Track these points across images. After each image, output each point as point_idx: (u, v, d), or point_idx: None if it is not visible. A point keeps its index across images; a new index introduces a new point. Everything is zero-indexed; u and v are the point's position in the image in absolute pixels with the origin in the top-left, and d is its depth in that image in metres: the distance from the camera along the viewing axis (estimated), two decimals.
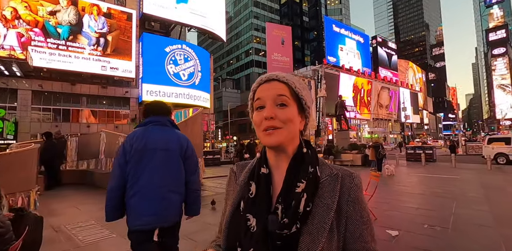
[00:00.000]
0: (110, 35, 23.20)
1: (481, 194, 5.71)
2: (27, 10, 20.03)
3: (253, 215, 0.57)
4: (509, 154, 12.64)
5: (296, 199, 0.54)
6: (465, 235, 3.25)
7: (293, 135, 0.60)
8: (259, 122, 0.60)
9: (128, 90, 24.31)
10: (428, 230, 3.41)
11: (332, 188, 0.57)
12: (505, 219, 3.94)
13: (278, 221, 0.54)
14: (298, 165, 0.59)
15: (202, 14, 28.08)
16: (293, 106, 0.60)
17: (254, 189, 0.60)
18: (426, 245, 2.91)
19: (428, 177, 8.47)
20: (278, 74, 0.62)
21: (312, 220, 0.54)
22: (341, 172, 0.61)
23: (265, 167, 0.62)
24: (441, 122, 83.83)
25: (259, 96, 0.61)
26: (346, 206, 0.57)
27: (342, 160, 11.45)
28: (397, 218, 4.04)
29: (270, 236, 0.53)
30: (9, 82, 19.37)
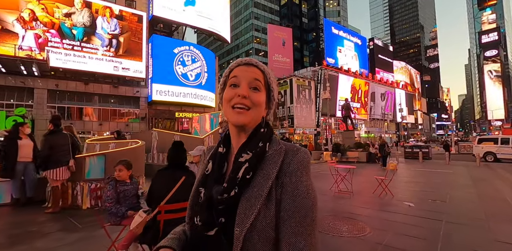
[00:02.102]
0: (122, 37, 24.05)
1: (470, 183, 7.07)
2: (44, 12, 20.77)
3: (204, 188, 0.64)
4: (496, 153, 14.07)
5: (237, 167, 0.61)
6: (457, 206, 4.56)
7: (258, 118, 0.66)
8: (229, 98, 0.65)
9: (138, 90, 25.21)
10: (431, 202, 4.77)
11: (275, 161, 0.63)
12: (486, 197, 5.28)
13: (221, 189, 0.60)
14: (250, 140, 0.65)
15: (208, 17, 29.04)
16: (263, 93, 0.67)
17: (210, 166, 0.67)
18: (431, 210, 4.23)
19: (426, 171, 9.79)
20: (257, 62, 0.69)
21: (252, 188, 0.59)
22: (287, 147, 0.66)
23: (222, 146, 0.68)
24: (435, 122, 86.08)
25: (236, 74, 0.66)
26: (284, 177, 0.61)
27: (348, 157, 12.74)
28: (408, 196, 5.42)
29: (214, 203, 0.60)
30: (26, 81, 20.15)
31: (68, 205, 3.88)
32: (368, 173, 8.86)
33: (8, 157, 3.72)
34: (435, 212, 4.13)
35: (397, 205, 4.57)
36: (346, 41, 48.06)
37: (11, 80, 19.67)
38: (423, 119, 69.32)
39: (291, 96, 35.51)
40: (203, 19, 28.50)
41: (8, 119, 19.04)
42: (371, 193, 5.42)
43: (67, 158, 3.80)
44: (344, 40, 47.54)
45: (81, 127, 22.46)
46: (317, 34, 61.55)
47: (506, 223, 3.65)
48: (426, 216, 3.92)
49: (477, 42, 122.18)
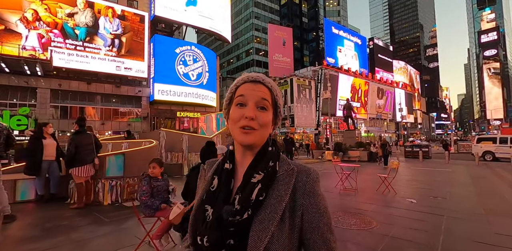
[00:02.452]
0: (124, 37, 24.22)
1: (469, 181, 7.29)
2: (47, 12, 20.90)
3: (211, 206, 0.62)
4: (495, 152, 14.32)
5: (250, 188, 0.60)
6: (457, 203, 4.78)
7: (264, 137, 0.66)
8: (237, 119, 0.64)
9: (140, 90, 25.40)
10: (432, 199, 4.99)
11: (287, 181, 0.62)
12: (485, 195, 5.51)
13: (232, 210, 0.58)
14: (260, 160, 0.64)
15: (209, 17, 29.20)
16: (270, 112, 0.66)
17: (216, 182, 0.65)
18: (433, 206, 4.46)
19: (427, 170, 10.03)
20: (264, 78, 0.68)
21: (265, 210, 0.58)
22: (298, 168, 0.66)
23: (229, 162, 0.67)
24: (434, 121, 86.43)
25: (242, 93, 0.65)
26: (302, 199, 0.61)
27: (350, 156, 12.97)
28: (410, 193, 5.65)
29: (224, 224, 0.57)
30: (29, 81, 20.31)
31: (90, 201, 4.11)
32: (370, 171, 9.08)
33: (34, 155, 3.93)
34: (436, 208, 4.36)
35: (400, 202, 4.80)
36: (346, 41, 48.26)
37: (14, 79, 19.82)
38: (423, 118, 69.65)
39: (292, 95, 35.69)
40: (205, 19, 28.67)
41: (12, 119, 19.11)
42: (374, 190, 5.65)
43: (91, 156, 4.03)
44: (344, 39, 47.74)
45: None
46: (317, 34, 61.73)
47: (504, 217, 3.87)
48: (428, 212, 4.14)
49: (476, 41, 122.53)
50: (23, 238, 2.88)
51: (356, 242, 2.87)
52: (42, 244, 2.62)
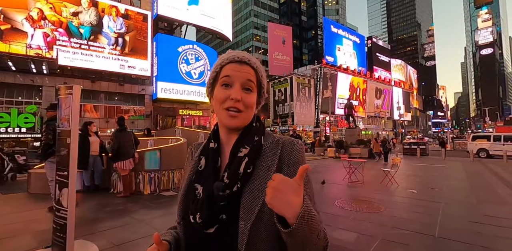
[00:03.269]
0: (127, 35, 24.53)
1: (464, 175, 7.92)
2: (52, 11, 21.14)
3: (201, 184, 0.63)
4: (489, 149, 15.01)
5: (237, 162, 0.61)
6: (452, 193, 5.36)
7: (249, 118, 0.67)
8: (222, 99, 0.64)
9: (144, 88, 25.78)
10: (431, 190, 5.59)
11: (273, 152, 0.64)
12: (478, 187, 6.10)
13: (222, 185, 0.59)
14: (245, 135, 0.66)
15: (211, 16, 29.53)
16: (255, 92, 0.67)
17: (203, 162, 0.66)
18: (431, 196, 5.05)
19: (424, 166, 10.63)
20: (250, 58, 0.67)
21: (254, 181, 0.60)
22: (283, 139, 0.68)
23: (213, 142, 0.68)
24: (431, 119, 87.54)
25: (228, 73, 0.65)
26: (287, 168, 0.63)
27: (351, 153, 13.57)
28: (411, 185, 6.27)
29: (215, 200, 0.59)
30: (34, 79, 20.61)
31: (133, 191, 4.65)
32: (372, 167, 9.66)
33: (82, 151, 4.44)
34: (434, 197, 4.95)
35: (402, 192, 5.40)
36: (345, 40, 48.79)
37: (19, 78, 20.12)
38: (419, 116, 70.59)
39: (291, 94, 36.19)
40: (206, 18, 29.00)
41: (20, 116, 19.55)
42: (379, 183, 6.23)
43: (132, 151, 4.55)
44: (343, 38, 48.25)
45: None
46: (316, 32, 62.17)
47: (493, 204, 4.45)
48: (427, 200, 4.72)
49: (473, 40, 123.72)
50: (93, 219, 3.39)
51: (371, 221, 3.46)
52: (114, 222, 3.16)
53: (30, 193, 4.87)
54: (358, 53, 51.52)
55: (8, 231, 2.90)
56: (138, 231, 2.82)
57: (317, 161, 12.53)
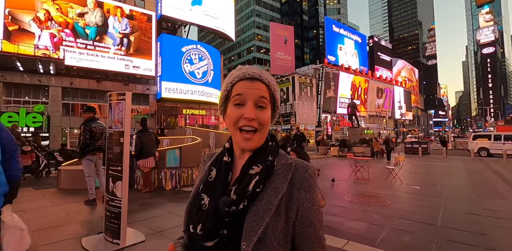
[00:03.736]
0: (132, 36, 24.84)
1: (464, 173, 8.23)
2: (59, 12, 21.45)
3: (208, 195, 0.63)
4: (489, 148, 15.31)
5: (247, 180, 0.60)
6: (453, 189, 5.69)
7: (265, 137, 0.66)
8: (236, 119, 0.63)
9: (148, 88, 26.11)
10: (433, 186, 5.94)
11: (285, 175, 0.63)
12: (477, 184, 6.43)
13: (228, 200, 0.58)
14: (259, 154, 0.64)
15: (214, 16, 29.80)
16: (269, 108, 0.66)
17: (214, 174, 0.66)
18: (433, 191, 5.38)
19: (426, 164, 10.96)
20: (261, 74, 0.66)
21: (260, 201, 0.58)
22: (296, 162, 0.66)
23: (227, 155, 0.68)
24: (432, 118, 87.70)
25: (240, 92, 0.63)
26: (298, 193, 0.61)
27: (354, 152, 13.88)
28: (414, 181, 6.62)
29: (220, 215, 0.57)
30: (41, 79, 20.94)
31: (155, 187, 5.00)
32: (376, 165, 9.98)
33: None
34: (436, 192, 5.30)
35: (406, 188, 5.75)
36: (347, 39, 48.98)
37: (26, 78, 20.45)
38: (421, 115, 70.78)
39: (293, 93, 36.46)
40: (209, 18, 29.27)
41: (28, 116, 19.90)
42: (383, 180, 6.57)
43: (153, 150, 4.89)
44: (345, 38, 48.45)
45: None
46: (317, 32, 62.34)
47: (492, 199, 4.79)
48: (429, 195, 5.07)
49: (474, 39, 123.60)
50: (129, 211, 3.67)
51: (378, 213, 3.80)
52: (148, 214, 3.51)
53: (60, 189, 5.23)
54: (359, 53, 51.71)
55: (56, 221, 3.24)
56: (172, 221, 3.16)
57: (321, 159, 12.84)
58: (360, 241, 2.73)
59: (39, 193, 5.03)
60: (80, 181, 4.36)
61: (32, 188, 5.49)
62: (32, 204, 4.17)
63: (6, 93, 20.13)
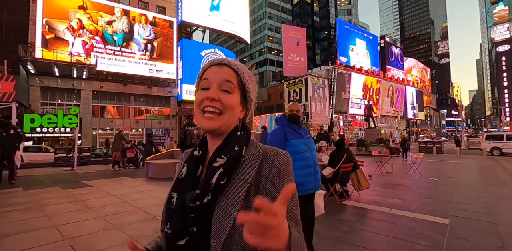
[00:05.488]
0: (155, 41, 26.35)
1: (476, 169, 9.16)
2: (90, 21, 23.09)
3: (177, 193, 0.61)
4: (502, 147, 15.99)
5: (211, 173, 0.57)
6: (466, 181, 6.69)
7: (231, 122, 0.63)
8: (199, 101, 0.62)
9: (170, 90, 27.56)
10: (447, 179, 6.94)
11: (252, 165, 0.59)
12: (487, 177, 7.37)
13: (193, 196, 0.56)
14: (225, 145, 0.62)
15: (231, 20, 31.07)
16: (236, 95, 0.64)
17: (185, 170, 0.64)
18: (449, 182, 6.39)
19: (441, 162, 11.83)
20: (231, 60, 0.65)
21: (227, 195, 0.56)
22: (265, 151, 0.63)
23: (198, 149, 0.65)
24: (444, 118, 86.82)
25: (206, 76, 0.63)
26: (266, 183, 0.58)
27: (371, 151, 14.83)
28: (432, 175, 7.62)
29: (187, 210, 0.56)
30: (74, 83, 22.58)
31: None
32: (393, 162, 10.98)
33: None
34: (452, 183, 6.34)
35: (425, 179, 6.81)
36: (358, 40, 49.45)
37: (59, 82, 22.13)
38: (433, 115, 70.37)
39: (306, 94, 37.33)
40: (226, 23, 30.57)
41: (65, 118, 21.51)
42: (405, 173, 7.64)
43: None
44: (356, 38, 48.92)
45: (120, 124, 25.06)
46: (328, 33, 62.88)
47: (498, 187, 5.84)
48: (445, 184, 6.11)
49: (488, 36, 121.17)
50: None
51: (407, 194, 4.93)
52: None
53: (149, 178, 6.49)
54: (371, 53, 52.07)
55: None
56: None
57: None
58: (399, 209, 3.86)
59: (139, 181, 6.30)
60: (163, 171, 5.55)
61: (127, 177, 6.90)
62: (133, 188, 5.38)
63: (42, 96, 21.86)
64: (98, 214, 3.50)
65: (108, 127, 24.80)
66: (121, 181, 6.37)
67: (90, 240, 2.60)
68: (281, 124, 2.27)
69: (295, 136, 2.20)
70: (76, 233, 2.79)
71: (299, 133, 2.23)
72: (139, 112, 26.82)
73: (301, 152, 2.16)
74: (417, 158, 7.44)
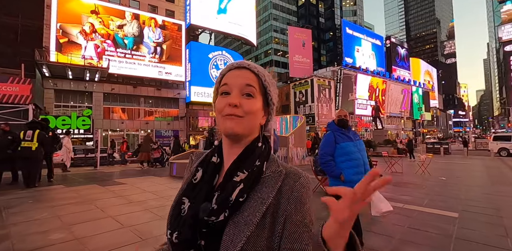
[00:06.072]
0: (165, 44, 26.91)
1: (483, 169, 9.44)
2: (101, 25, 23.72)
3: (189, 199, 0.58)
4: (510, 148, 16.10)
5: (231, 187, 0.54)
6: (473, 179, 7.00)
7: (252, 128, 0.60)
8: (221, 108, 0.58)
9: (179, 92, 28.10)
10: (456, 177, 7.24)
11: (273, 184, 0.56)
12: (494, 176, 7.64)
13: (209, 208, 0.53)
14: (247, 157, 0.58)
15: (238, 23, 31.53)
16: (258, 99, 0.60)
17: (199, 175, 0.61)
18: (457, 181, 6.68)
19: (449, 162, 12.06)
20: (250, 63, 0.62)
21: (243, 212, 0.53)
22: (287, 170, 0.60)
23: (217, 156, 0.62)
24: (451, 119, 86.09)
25: (226, 81, 0.60)
26: (287, 204, 0.55)
27: (378, 151, 15.10)
28: (440, 174, 7.92)
29: (199, 223, 0.53)
30: (86, 85, 23.20)
31: None
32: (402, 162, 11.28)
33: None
34: (459, 181, 6.62)
35: (434, 178, 7.09)
36: (364, 41, 49.55)
37: (71, 84, 22.77)
38: (440, 116, 69.93)
39: (312, 95, 37.59)
40: (233, 25, 31.04)
41: (79, 119, 22.24)
42: (414, 173, 7.93)
43: None
44: (362, 39, 49.04)
45: (131, 125, 25.66)
46: (334, 34, 63.01)
47: (504, 186, 6.12)
48: (454, 183, 6.39)
49: (496, 36, 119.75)
50: None
51: (419, 192, 5.27)
52: None
53: (174, 176, 6.91)
54: (376, 54, 52.09)
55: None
56: None
57: None
58: (411, 204, 4.20)
59: (165, 179, 6.73)
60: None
61: (153, 176, 7.35)
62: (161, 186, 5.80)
63: (56, 99, 22.52)
64: (143, 207, 3.90)
65: (118, 128, 25.36)
66: (150, 179, 6.84)
67: (145, 228, 2.98)
68: (331, 129, 2.58)
69: (344, 139, 2.47)
70: (132, 222, 3.18)
71: (348, 136, 2.50)
72: (148, 113, 27.35)
73: (350, 153, 2.44)
74: (426, 159, 7.73)
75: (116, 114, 25.74)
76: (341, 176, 2.41)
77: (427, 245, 2.60)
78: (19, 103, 16.32)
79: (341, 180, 2.41)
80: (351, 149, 2.45)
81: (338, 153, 2.45)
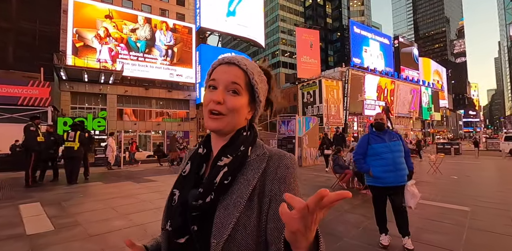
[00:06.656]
0: (175, 47, 27.53)
1: (494, 168, 9.65)
2: (115, 29, 24.45)
3: (179, 190, 0.61)
4: None
5: (215, 171, 0.57)
6: (484, 178, 7.23)
7: (235, 124, 0.62)
8: (206, 102, 0.61)
9: (189, 94, 28.69)
10: (467, 177, 7.48)
11: (257, 166, 0.59)
12: (504, 175, 7.88)
13: (196, 193, 0.56)
14: (232, 143, 0.61)
15: (246, 25, 31.98)
16: (244, 96, 0.62)
17: (188, 167, 0.64)
18: (468, 179, 6.96)
19: (460, 162, 12.20)
20: (240, 59, 0.63)
21: (231, 195, 0.56)
22: (271, 152, 0.62)
23: (203, 147, 0.65)
24: (461, 119, 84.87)
25: (214, 76, 0.62)
26: (271, 185, 0.57)
27: None
28: (452, 173, 8.11)
29: (188, 208, 0.56)
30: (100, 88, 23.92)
31: None
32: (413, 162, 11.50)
33: None
34: (470, 180, 6.91)
35: (446, 177, 7.34)
36: (372, 41, 49.40)
37: (86, 87, 23.52)
38: (449, 116, 69.10)
39: (320, 96, 37.75)
40: (242, 27, 31.51)
41: (94, 121, 23.02)
42: (426, 172, 8.19)
43: None
44: (370, 40, 48.90)
45: (143, 127, 26.33)
46: (341, 34, 62.97)
47: None
48: (465, 181, 6.68)
49: (507, 34, 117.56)
50: None
51: (432, 189, 5.55)
52: None
53: None
54: (385, 54, 51.87)
55: None
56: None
57: None
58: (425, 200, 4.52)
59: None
60: None
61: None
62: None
63: (72, 101, 23.31)
64: None
65: (131, 129, 26.03)
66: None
67: None
68: (369, 132, 2.97)
69: (377, 141, 2.82)
70: None
71: (381, 138, 2.83)
72: (160, 115, 27.99)
73: (380, 153, 2.77)
74: (437, 158, 7.99)
75: (129, 116, 26.45)
76: (370, 172, 2.78)
77: (443, 233, 2.94)
78: (38, 105, 17.08)
79: (370, 175, 2.79)
80: (382, 149, 2.78)
81: (370, 153, 2.83)
